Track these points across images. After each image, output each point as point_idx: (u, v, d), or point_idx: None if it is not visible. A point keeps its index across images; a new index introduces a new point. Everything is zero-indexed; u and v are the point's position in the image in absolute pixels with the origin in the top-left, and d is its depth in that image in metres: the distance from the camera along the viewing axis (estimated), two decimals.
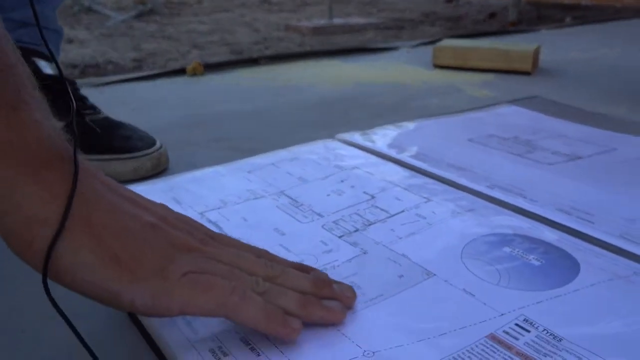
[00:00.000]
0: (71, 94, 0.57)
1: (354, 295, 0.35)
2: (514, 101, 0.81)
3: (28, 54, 0.61)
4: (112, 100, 0.88)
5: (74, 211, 0.28)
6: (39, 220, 0.27)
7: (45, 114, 0.30)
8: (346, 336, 0.33)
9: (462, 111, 0.76)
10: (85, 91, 0.68)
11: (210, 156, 0.65)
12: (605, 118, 0.73)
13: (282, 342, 0.31)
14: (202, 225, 0.35)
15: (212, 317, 0.31)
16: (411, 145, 0.61)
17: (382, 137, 0.64)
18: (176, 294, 0.29)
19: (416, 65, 1.12)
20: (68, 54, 2.00)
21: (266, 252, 0.36)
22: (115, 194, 0.31)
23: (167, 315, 0.30)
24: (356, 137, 0.64)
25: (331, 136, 0.68)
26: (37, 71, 0.59)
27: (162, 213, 0.33)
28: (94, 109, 0.62)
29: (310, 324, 0.32)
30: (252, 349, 0.32)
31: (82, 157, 0.30)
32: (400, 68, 1.11)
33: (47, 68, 0.61)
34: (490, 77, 1.01)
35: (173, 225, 0.32)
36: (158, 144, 0.60)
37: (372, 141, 0.63)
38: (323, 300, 0.33)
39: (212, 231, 0.35)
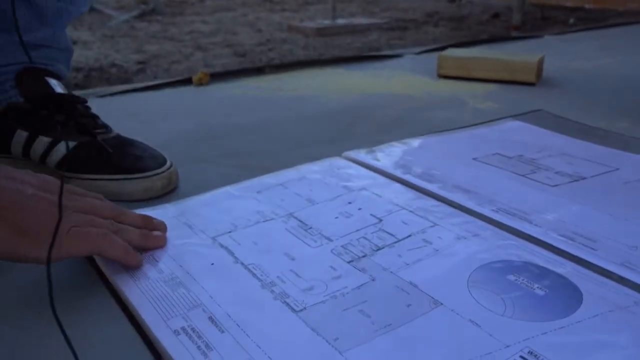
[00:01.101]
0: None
1: (164, 224, 0.50)
2: (518, 116, 0.82)
3: (40, 74, 0.62)
4: (121, 112, 0.89)
5: None
6: None
7: None
8: None
9: (467, 127, 0.77)
10: (93, 102, 0.69)
11: (219, 173, 0.66)
12: (607, 134, 0.74)
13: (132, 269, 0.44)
14: (57, 182, 0.44)
15: (89, 255, 0.45)
16: (417, 165, 0.62)
17: (388, 155, 0.65)
18: (64, 245, 0.40)
19: (421, 74, 1.13)
20: None
21: (102, 197, 0.49)
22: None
23: (58, 261, 0.40)
24: (362, 155, 0.65)
25: (337, 152, 0.69)
26: (49, 90, 0.61)
27: (35, 182, 0.43)
28: (105, 127, 0.63)
29: None
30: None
31: None
32: (405, 77, 1.12)
33: (58, 87, 0.62)
34: (494, 87, 1.02)
35: (46, 190, 0.42)
36: (168, 163, 0.61)
37: (379, 159, 0.64)
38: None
39: (68, 186, 0.46)
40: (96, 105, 0.67)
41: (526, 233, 0.48)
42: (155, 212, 0.54)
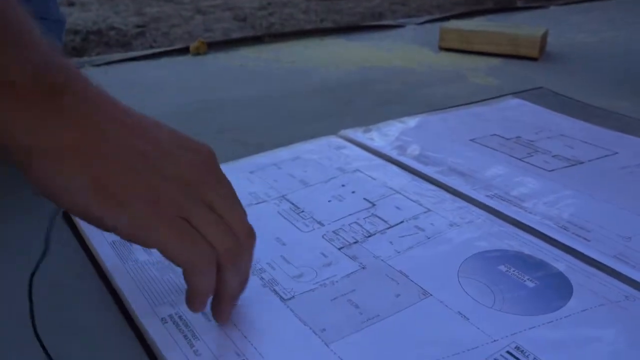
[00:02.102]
0: None
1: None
2: (519, 93, 0.80)
3: None
4: (117, 83, 0.88)
5: (67, 141, 0.29)
6: (32, 151, 0.29)
7: (43, 47, 0.30)
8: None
9: (466, 104, 0.76)
10: (88, 72, 0.68)
11: (216, 150, 0.65)
12: (608, 115, 0.73)
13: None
14: (209, 164, 0.35)
15: (175, 265, 0.32)
16: (413, 146, 0.61)
17: (385, 135, 0.64)
18: (157, 232, 0.31)
19: (422, 46, 1.10)
20: (69, 17, 1.97)
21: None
22: (114, 119, 0.32)
23: (141, 245, 0.32)
24: (359, 134, 0.64)
25: (335, 128, 0.68)
26: None
27: (164, 146, 0.33)
28: None
29: None
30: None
31: (88, 83, 0.32)
32: (406, 49, 1.10)
33: None
34: (496, 62, 1.00)
35: (166, 152, 0.33)
36: None
37: (374, 139, 0.63)
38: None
39: (219, 174, 0.35)
40: (92, 75, 0.66)
41: (520, 221, 0.47)
42: None
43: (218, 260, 0.33)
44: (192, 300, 0.34)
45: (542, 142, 0.63)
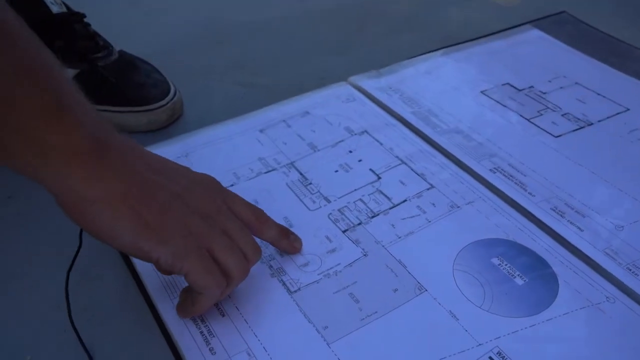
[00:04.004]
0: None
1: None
2: (539, 20, 0.77)
3: None
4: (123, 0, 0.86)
5: (117, 189, 0.34)
6: (87, 200, 0.33)
7: (88, 110, 0.34)
8: None
9: (482, 37, 0.74)
10: None
11: (223, 94, 0.66)
12: (629, 51, 0.71)
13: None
14: (216, 190, 0.41)
15: (192, 287, 0.38)
16: (422, 100, 0.61)
17: (394, 83, 0.64)
18: (189, 261, 0.36)
19: None
20: None
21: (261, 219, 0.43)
22: (148, 168, 0.37)
23: (177, 273, 0.37)
24: (368, 82, 0.64)
25: (344, 65, 0.68)
26: (45, 10, 0.58)
27: (185, 183, 0.39)
28: (107, 47, 0.61)
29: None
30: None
31: (123, 138, 0.36)
32: None
33: (54, 5, 0.59)
34: None
35: (186, 188, 0.38)
36: (172, 92, 0.61)
37: (384, 90, 0.63)
38: None
39: (225, 193, 0.41)
40: None
41: (519, 204, 0.49)
42: (160, 150, 0.55)
43: (229, 280, 0.38)
44: (189, 313, 0.40)
45: (554, 94, 0.63)
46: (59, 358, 0.39)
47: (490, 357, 0.38)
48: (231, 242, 0.38)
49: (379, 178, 0.52)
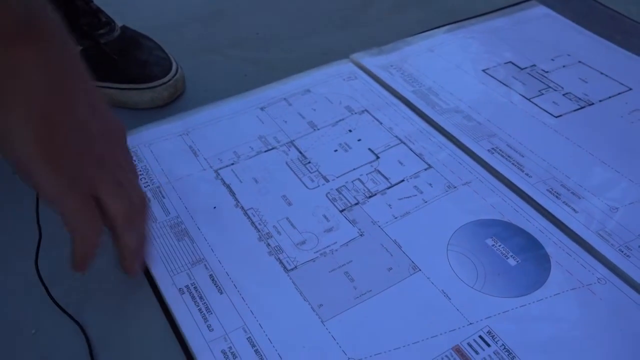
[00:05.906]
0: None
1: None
2: None
3: None
4: None
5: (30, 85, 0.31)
6: None
7: None
8: (335, 340, 0.39)
9: (487, 14, 0.73)
10: None
11: (226, 70, 0.66)
12: (635, 28, 0.70)
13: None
14: (114, 125, 0.39)
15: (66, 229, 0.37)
16: (423, 78, 0.61)
17: (396, 62, 0.64)
18: (72, 204, 0.35)
19: None
20: None
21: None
22: (75, 87, 0.34)
23: (49, 206, 0.35)
24: (370, 60, 0.64)
25: (347, 42, 0.68)
26: None
27: (100, 120, 0.36)
28: (109, 23, 0.62)
29: None
30: (257, 351, 0.39)
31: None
32: None
33: None
34: None
35: (103, 137, 0.36)
36: (174, 69, 0.61)
37: (385, 68, 0.63)
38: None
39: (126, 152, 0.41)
40: None
41: (516, 185, 0.49)
42: (161, 128, 0.56)
43: (115, 223, 0.38)
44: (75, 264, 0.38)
45: (556, 73, 0.62)
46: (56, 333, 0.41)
47: (480, 336, 0.39)
48: (119, 190, 0.37)
49: (378, 158, 0.52)
